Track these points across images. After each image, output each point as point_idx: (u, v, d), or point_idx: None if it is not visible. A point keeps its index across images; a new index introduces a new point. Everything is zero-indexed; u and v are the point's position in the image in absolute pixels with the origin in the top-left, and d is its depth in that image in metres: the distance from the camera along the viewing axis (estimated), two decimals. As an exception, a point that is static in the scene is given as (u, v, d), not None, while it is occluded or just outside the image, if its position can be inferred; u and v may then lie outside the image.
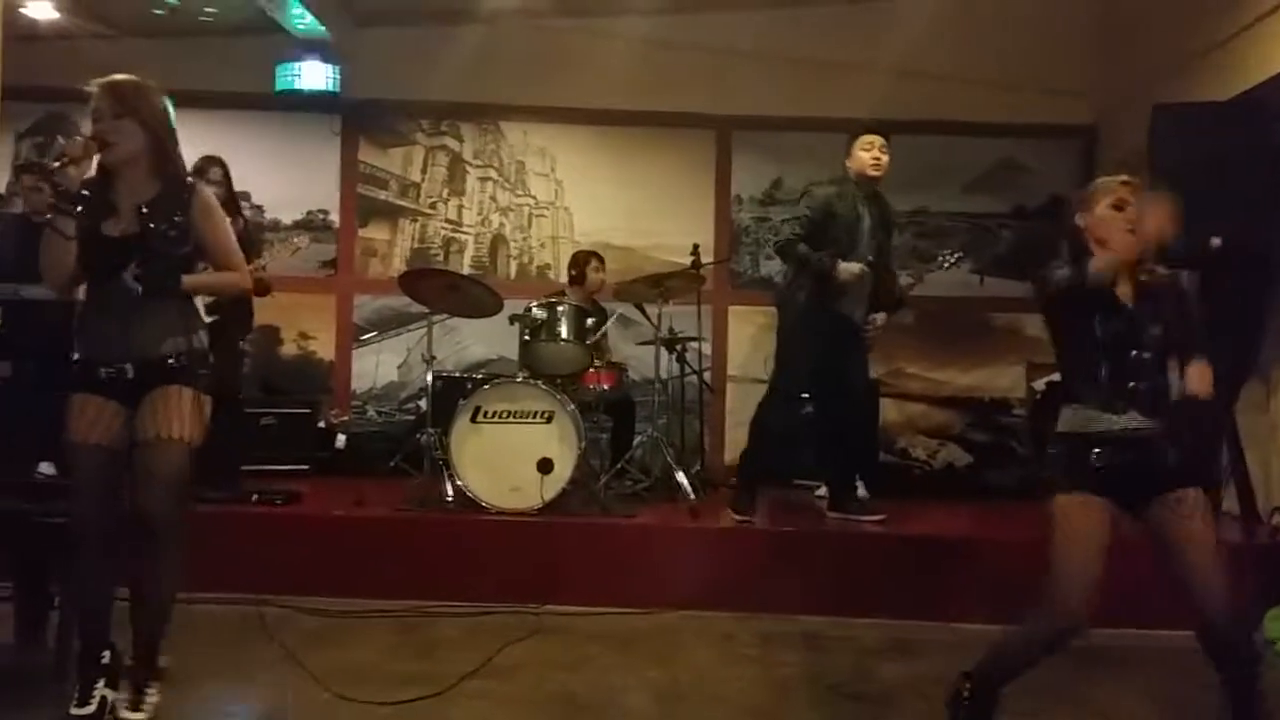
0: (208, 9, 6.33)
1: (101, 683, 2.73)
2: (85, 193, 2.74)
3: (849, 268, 4.60)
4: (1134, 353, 2.67)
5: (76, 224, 2.70)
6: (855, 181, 4.79)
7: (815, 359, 4.70)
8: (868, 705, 3.31)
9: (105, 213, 2.75)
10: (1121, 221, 2.68)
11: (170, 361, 2.78)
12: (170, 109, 2.88)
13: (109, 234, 2.74)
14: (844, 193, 4.76)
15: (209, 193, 2.92)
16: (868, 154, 4.71)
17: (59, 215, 2.70)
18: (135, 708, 2.75)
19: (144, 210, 2.74)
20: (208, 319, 4.40)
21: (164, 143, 2.80)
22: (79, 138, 2.71)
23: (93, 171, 2.80)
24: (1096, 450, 2.67)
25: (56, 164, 2.65)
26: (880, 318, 4.75)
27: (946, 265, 5.38)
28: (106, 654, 2.77)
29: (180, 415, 2.74)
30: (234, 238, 2.99)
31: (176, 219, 2.77)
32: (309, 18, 6.26)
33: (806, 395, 4.98)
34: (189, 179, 2.88)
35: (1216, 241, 4.71)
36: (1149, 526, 2.71)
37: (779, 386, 4.82)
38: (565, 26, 6.64)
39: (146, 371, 2.77)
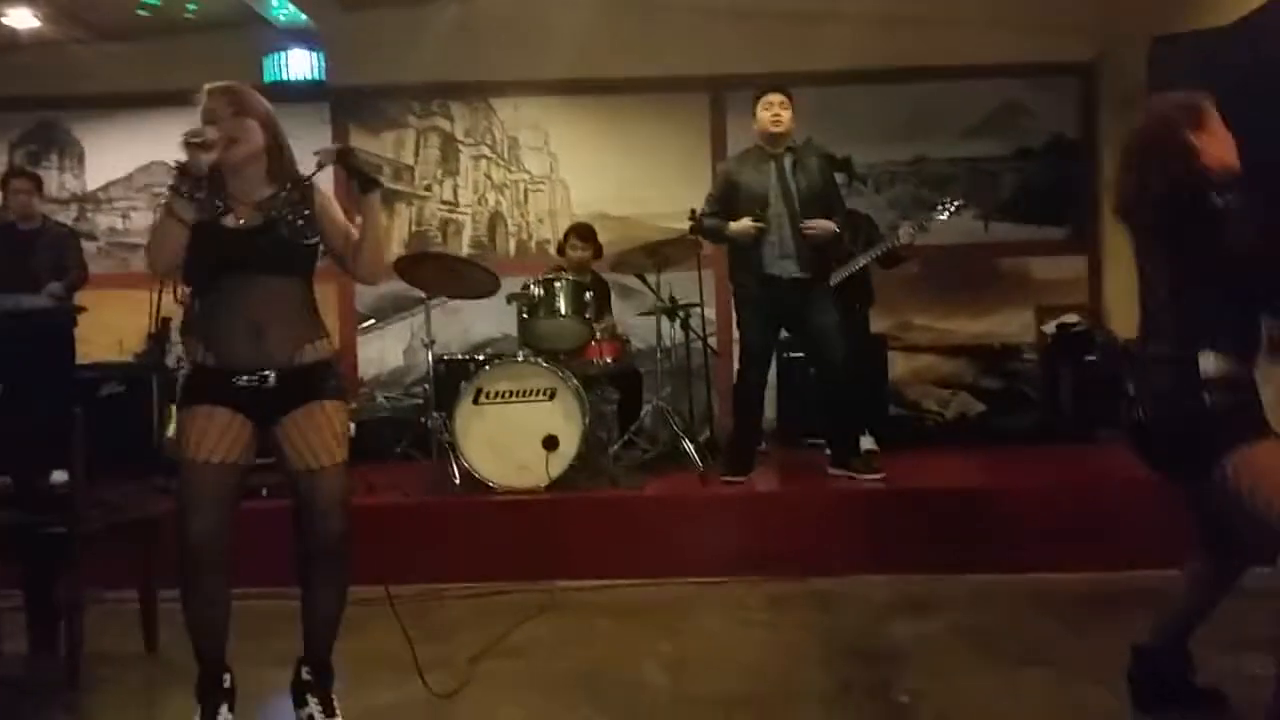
0: (190, 5, 6.30)
1: (225, 708, 2.66)
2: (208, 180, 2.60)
3: (738, 226, 4.67)
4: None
5: (195, 206, 2.57)
6: (760, 144, 4.79)
7: (764, 324, 4.81)
8: (879, 663, 3.29)
9: (223, 210, 2.64)
10: (1230, 140, 2.46)
11: (314, 371, 2.67)
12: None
13: (230, 225, 2.62)
14: (746, 158, 4.83)
15: (325, 190, 2.80)
16: (767, 113, 4.73)
17: (178, 198, 2.55)
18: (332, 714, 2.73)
19: (268, 202, 2.65)
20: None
21: (281, 142, 2.72)
22: (211, 127, 2.57)
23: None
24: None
25: (194, 141, 2.52)
26: (821, 224, 4.67)
27: (946, 215, 5.29)
28: (227, 677, 2.68)
29: (337, 436, 2.67)
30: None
31: (304, 211, 2.67)
32: (290, 7, 6.22)
33: (767, 358, 4.98)
34: (306, 178, 2.74)
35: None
36: None
37: (741, 355, 4.89)
38: (548, -3, 6.57)
39: (287, 381, 2.63)
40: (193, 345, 2.68)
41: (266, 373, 2.61)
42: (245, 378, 2.60)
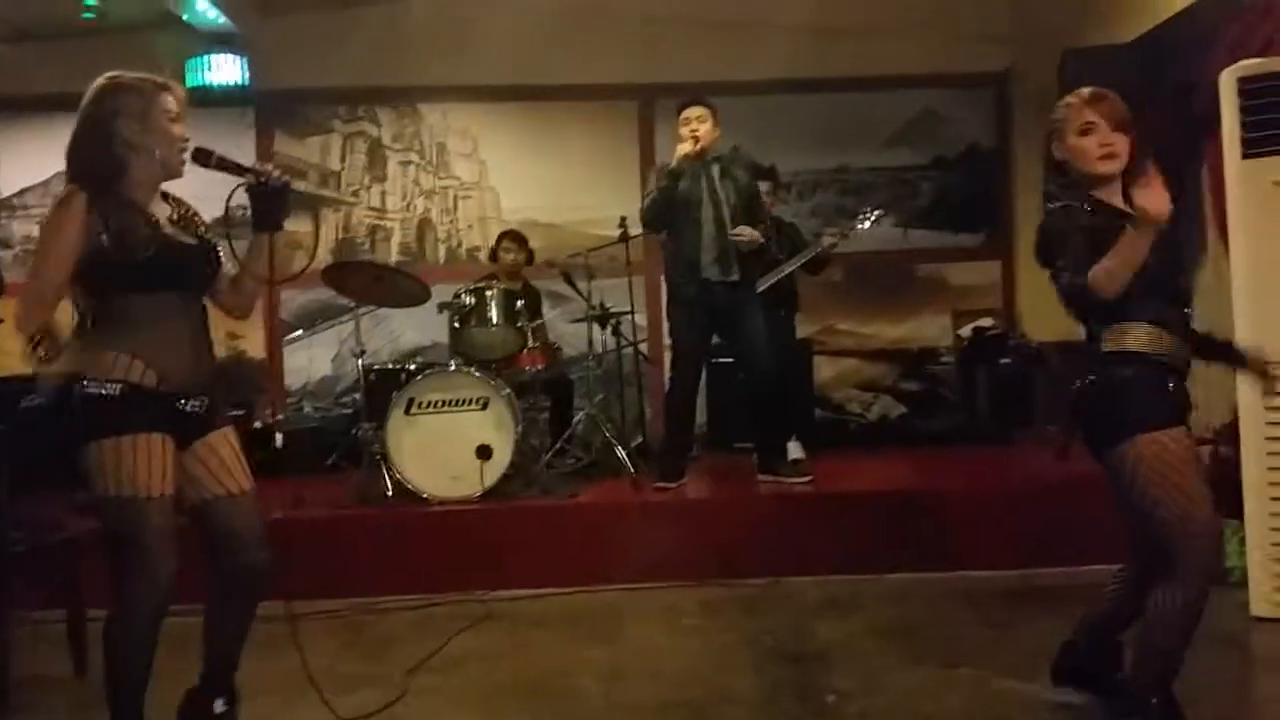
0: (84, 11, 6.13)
1: None
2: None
3: (750, 235, 4.75)
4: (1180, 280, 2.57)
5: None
6: (681, 159, 4.85)
7: (696, 328, 4.89)
8: (806, 664, 3.40)
9: (147, 221, 2.49)
10: (1094, 147, 2.53)
11: (221, 395, 2.62)
12: None
13: (177, 239, 2.52)
14: (676, 170, 4.86)
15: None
16: (685, 128, 4.82)
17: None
18: None
19: (190, 220, 2.60)
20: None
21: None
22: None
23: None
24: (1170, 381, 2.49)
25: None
26: (746, 231, 4.76)
27: (868, 223, 5.46)
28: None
29: (242, 460, 2.62)
30: None
31: (209, 233, 2.62)
32: (213, 10, 6.13)
33: (699, 364, 5.06)
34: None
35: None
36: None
37: (672, 362, 4.99)
38: (476, 1, 6.56)
39: (213, 407, 2.57)
40: (121, 361, 2.40)
41: (204, 397, 2.53)
42: (191, 403, 2.50)
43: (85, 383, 2.40)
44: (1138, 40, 5.24)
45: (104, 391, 2.39)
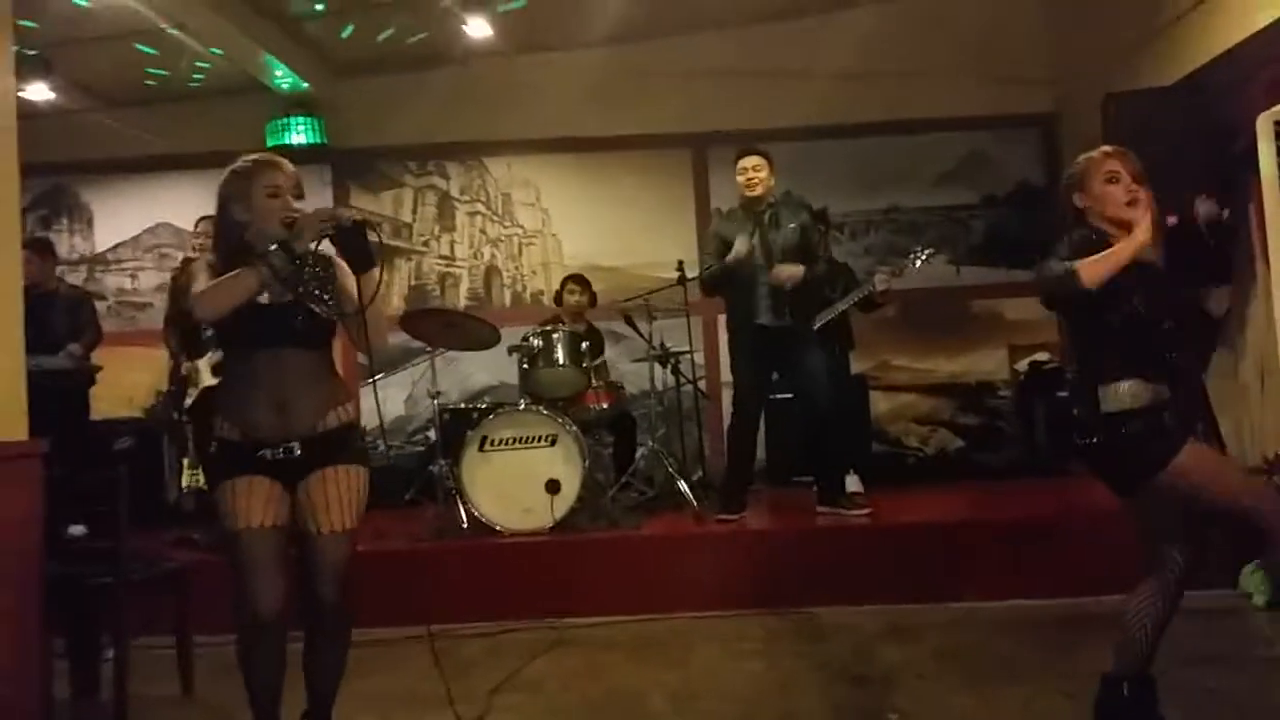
0: (196, 74, 6.61)
1: None
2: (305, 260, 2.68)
3: (734, 251, 4.95)
4: (1166, 324, 2.68)
5: (275, 275, 2.62)
6: (742, 204, 5.14)
7: (757, 371, 5.10)
8: (869, 687, 3.54)
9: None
10: (1121, 194, 2.69)
11: (336, 436, 2.71)
12: None
13: (262, 302, 2.68)
14: (731, 215, 5.16)
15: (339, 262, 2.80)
16: (742, 178, 5.08)
17: (272, 274, 2.62)
18: None
19: (294, 277, 2.66)
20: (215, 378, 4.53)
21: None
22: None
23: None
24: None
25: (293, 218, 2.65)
26: (786, 269, 4.96)
27: (919, 262, 5.63)
28: None
29: (352, 503, 2.72)
30: None
31: (329, 287, 2.72)
32: (291, 76, 6.54)
33: (759, 402, 5.24)
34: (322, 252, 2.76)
35: (1172, 220, 4.95)
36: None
37: (735, 400, 5.20)
38: (535, 61, 6.91)
39: (312, 448, 2.69)
40: (216, 419, 2.73)
41: (292, 444, 2.67)
42: (270, 451, 2.67)
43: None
44: (1179, 83, 5.38)
45: (210, 449, 2.75)
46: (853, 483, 5.36)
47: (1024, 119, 7.12)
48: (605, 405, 5.60)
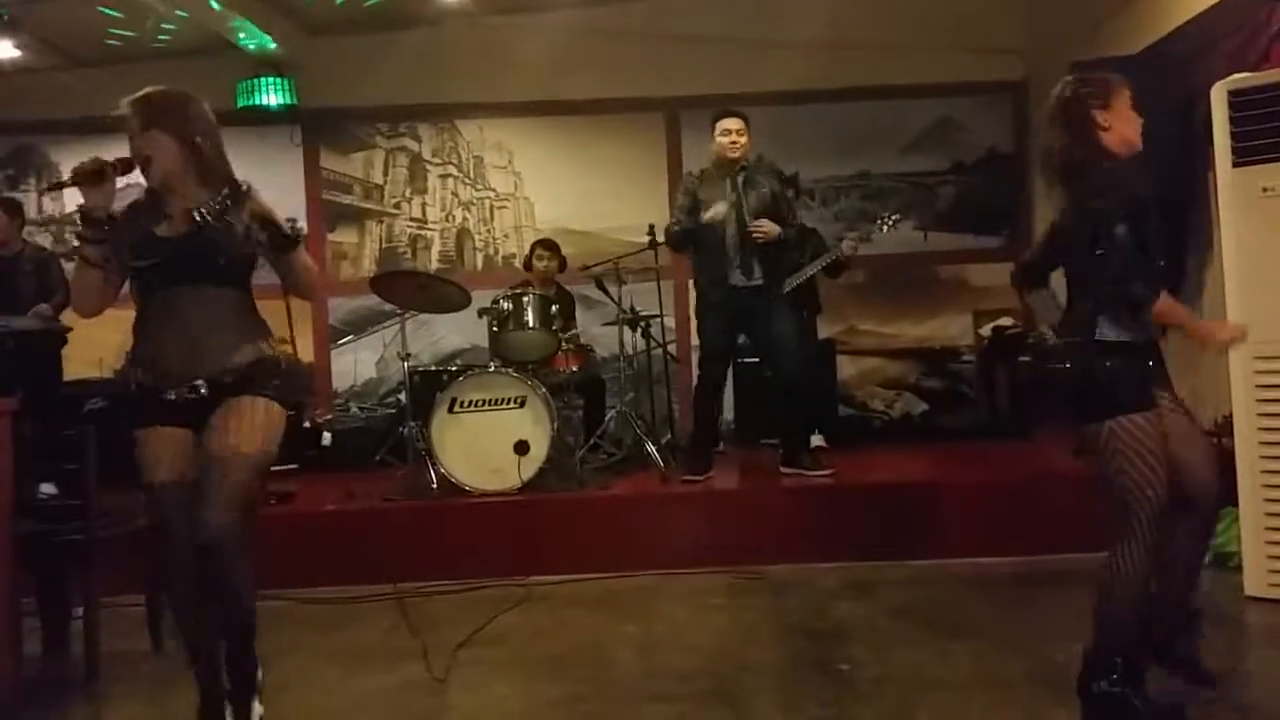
0: (162, 34, 6.54)
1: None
2: (115, 215, 2.60)
3: (713, 212, 4.96)
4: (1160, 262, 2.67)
5: (107, 247, 2.56)
6: (717, 164, 5.14)
7: (723, 331, 5.13)
8: (824, 640, 3.65)
9: (156, 221, 2.60)
10: (1136, 122, 2.73)
11: (247, 371, 2.61)
12: (209, 115, 2.70)
13: (163, 235, 2.59)
14: (705, 176, 5.16)
15: (259, 195, 2.67)
16: (725, 139, 5.08)
17: (85, 242, 2.56)
18: None
19: (197, 212, 2.55)
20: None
21: (201, 150, 2.62)
22: (91, 158, 2.56)
23: (142, 194, 2.69)
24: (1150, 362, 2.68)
25: (57, 182, 2.58)
26: (766, 222, 4.99)
27: (885, 228, 5.71)
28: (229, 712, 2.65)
29: (254, 430, 2.56)
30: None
31: (230, 219, 2.57)
32: (260, 35, 6.49)
33: (725, 363, 5.30)
34: (240, 182, 2.64)
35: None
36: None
37: (700, 361, 5.27)
38: (508, 23, 6.88)
39: (221, 386, 2.58)
40: (129, 366, 2.66)
41: (198, 382, 2.58)
42: (174, 392, 2.58)
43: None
44: (1144, 52, 5.44)
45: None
46: (817, 440, 5.46)
47: (994, 86, 7.17)
48: (575, 368, 5.66)
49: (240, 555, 2.56)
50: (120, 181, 2.62)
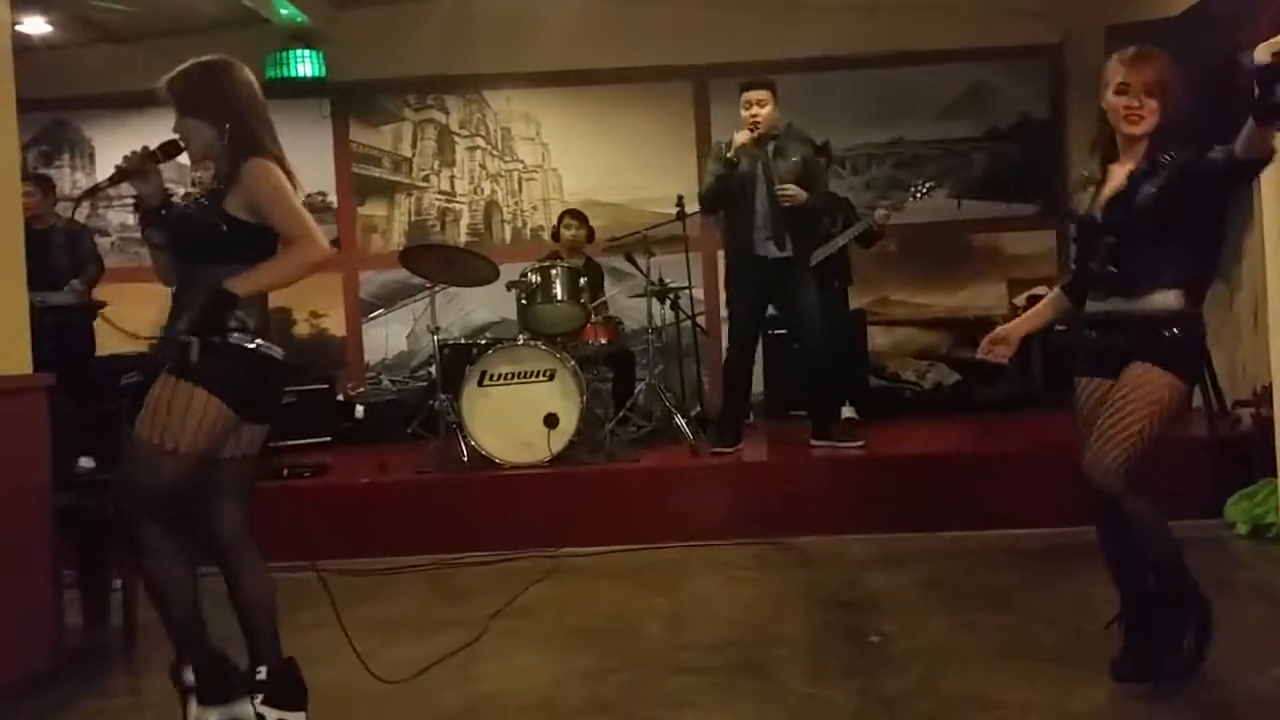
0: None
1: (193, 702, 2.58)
2: (172, 198, 2.63)
3: (736, 141, 4.92)
4: None
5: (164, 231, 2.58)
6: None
7: (753, 301, 5.11)
8: (854, 612, 3.65)
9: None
10: (1121, 108, 2.66)
11: (179, 345, 2.44)
12: (249, 82, 2.65)
13: (167, 214, 2.62)
14: (733, 159, 5.02)
15: (266, 163, 2.52)
16: (746, 112, 5.00)
17: (146, 227, 2.63)
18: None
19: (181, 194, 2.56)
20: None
21: (234, 128, 2.55)
22: (132, 151, 2.59)
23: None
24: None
25: (106, 181, 2.60)
26: (792, 187, 4.95)
27: (919, 196, 5.63)
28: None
29: (157, 413, 2.44)
30: (298, 206, 2.55)
31: (214, 187, 2.52)
32: (290, 7, 6.49)
33: (754, 335, 5.27)
34: (253, 152, 2.53)
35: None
36: None
37: (730, 333, 5.23)
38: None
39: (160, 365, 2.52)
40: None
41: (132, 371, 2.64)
42: (128, 376, 2.64)
43: None
44: (1184, 14, 5.31)
45: None
46: (847, 411, 5.44)
47: (1028, 50, 7.03)
48: (604, 341, 5.66)
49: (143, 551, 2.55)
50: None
